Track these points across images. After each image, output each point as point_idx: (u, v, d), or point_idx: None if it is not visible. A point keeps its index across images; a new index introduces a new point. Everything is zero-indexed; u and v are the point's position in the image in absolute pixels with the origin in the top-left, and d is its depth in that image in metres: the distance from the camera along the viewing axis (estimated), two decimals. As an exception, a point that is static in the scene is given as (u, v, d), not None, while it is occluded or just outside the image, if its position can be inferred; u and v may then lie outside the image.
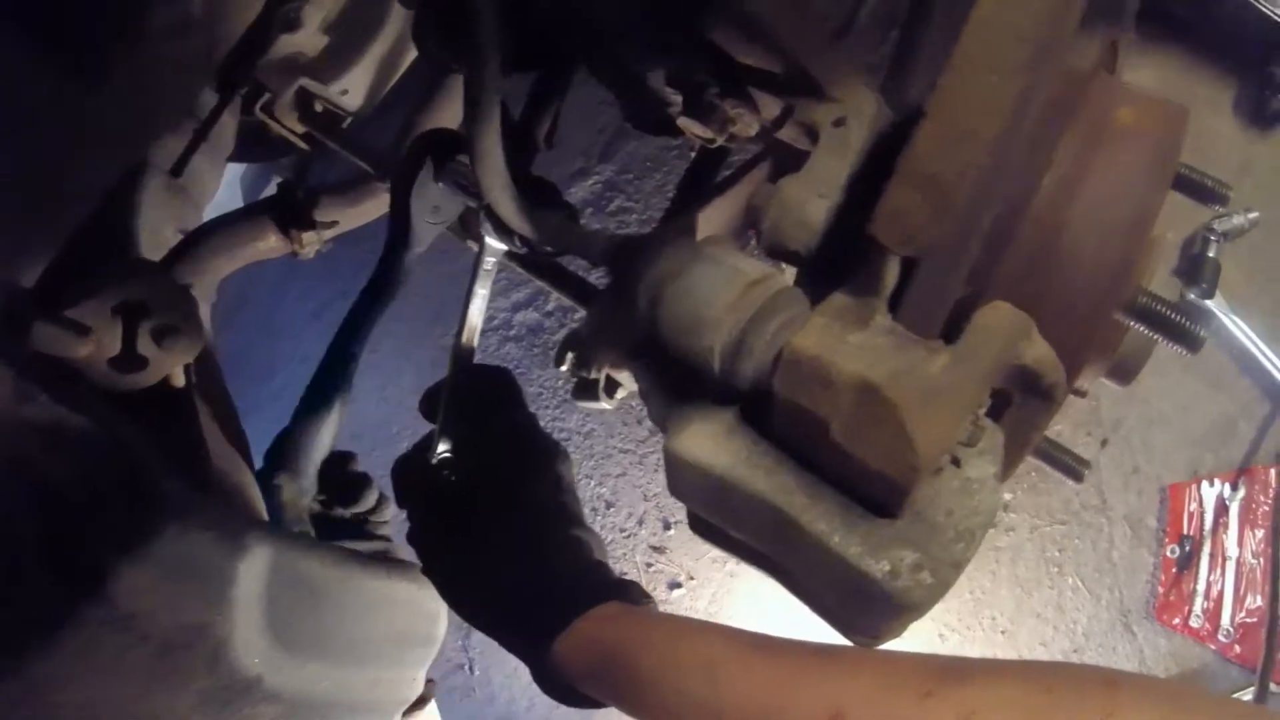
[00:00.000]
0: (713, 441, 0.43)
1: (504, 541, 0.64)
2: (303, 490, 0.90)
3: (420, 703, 0.84)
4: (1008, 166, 0.39)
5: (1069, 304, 0.51)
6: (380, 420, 2.05)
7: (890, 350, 0.37)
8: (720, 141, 0.56)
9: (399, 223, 0.76)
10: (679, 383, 0.46)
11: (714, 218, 0.68)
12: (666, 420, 0.48)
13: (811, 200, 0.47)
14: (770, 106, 0.56)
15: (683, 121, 0.56)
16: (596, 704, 0.59)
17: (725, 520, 0.48)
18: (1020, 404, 0.50)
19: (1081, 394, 0.67)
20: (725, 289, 0.41)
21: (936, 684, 0.46)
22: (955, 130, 0.35)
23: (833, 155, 0.50)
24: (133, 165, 0.97)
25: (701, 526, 0.53)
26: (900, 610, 0.43)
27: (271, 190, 1.18)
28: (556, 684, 0.58)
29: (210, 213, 1.09)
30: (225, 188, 1.17)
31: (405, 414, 1.98)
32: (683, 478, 0.46)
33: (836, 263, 0.49)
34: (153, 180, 0.99)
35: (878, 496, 0.41)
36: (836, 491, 0.42)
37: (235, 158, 1.16)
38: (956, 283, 0.43)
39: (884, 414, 0.36)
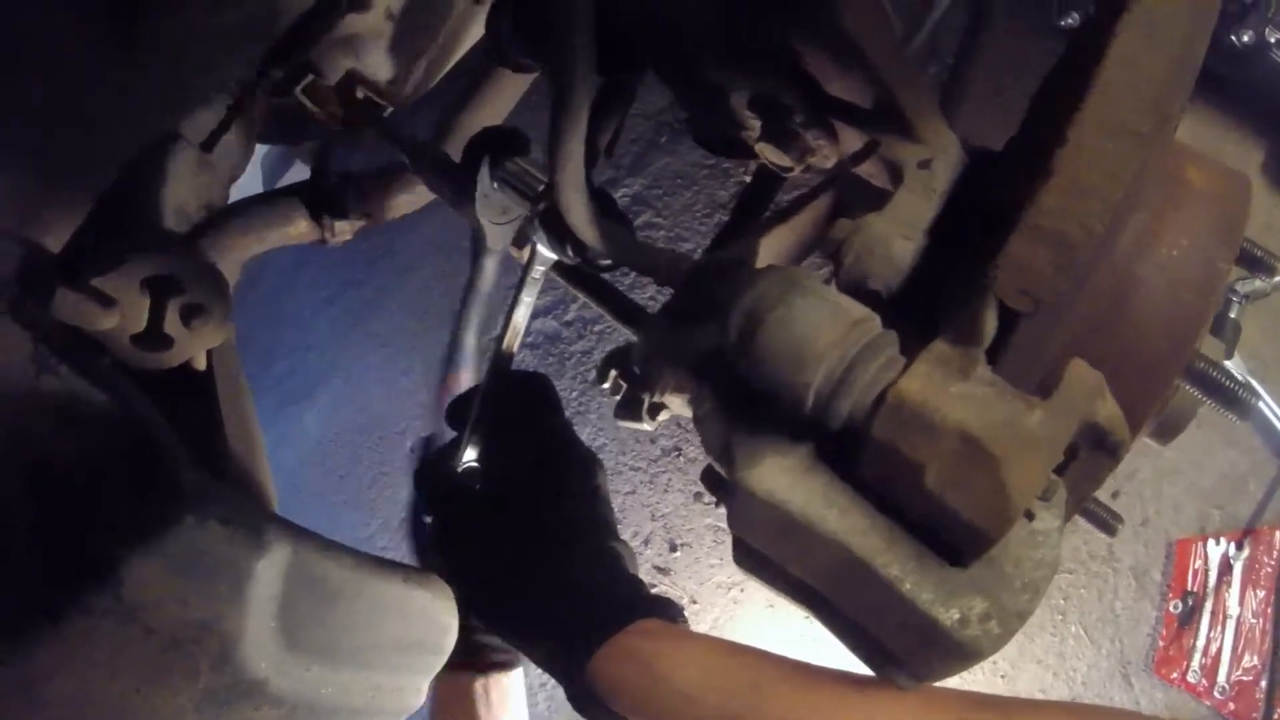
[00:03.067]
0: (790, 478, 0.43)
1: (538, 551, 0.63)
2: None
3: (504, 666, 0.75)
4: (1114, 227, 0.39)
5: (1138, 362, 0.51)
6: (387, 415, 2.00)
7: (992, 402, 0.37)
8: (797, 171, 0.56)
9: (471, 229, 0.74)
10: (751, 413, 0.45)
11: (770, 246, 0.67)
12: (733, 451, 0.47)
13: (897, 240, 0.47)
14: (849, 139, 0.56)
15: (760, 146, 0.56)
16: None
17: (788, 556, 0.47)
18: (1084, 459, 0.49)
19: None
20: (830, 325, 0.40)
21: (977, 718, 0.46)
22: (1080, 189, 0.35)
23: (917, 196, 0.49)
24: (163, 135, 0.94)
25: (748, 558, 0.52)
26: (964, 658, 0.42)
27: (294, 174, 1.16)
28: (590, 700, 0.57)
29: (232, 194, 1.07)
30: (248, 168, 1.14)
31: (413, 409, 1.95)
32: (752, 512, 0.45)
33: (910, 307, 0.49)
34: (183, 153, 0.97)
35: (957, 545, 0.40)
36: (910, 536, 0.42)
37: (261, 138, 1.14)
38: (1057, 340, 0.42)
39: (984, 466, 0.36)
